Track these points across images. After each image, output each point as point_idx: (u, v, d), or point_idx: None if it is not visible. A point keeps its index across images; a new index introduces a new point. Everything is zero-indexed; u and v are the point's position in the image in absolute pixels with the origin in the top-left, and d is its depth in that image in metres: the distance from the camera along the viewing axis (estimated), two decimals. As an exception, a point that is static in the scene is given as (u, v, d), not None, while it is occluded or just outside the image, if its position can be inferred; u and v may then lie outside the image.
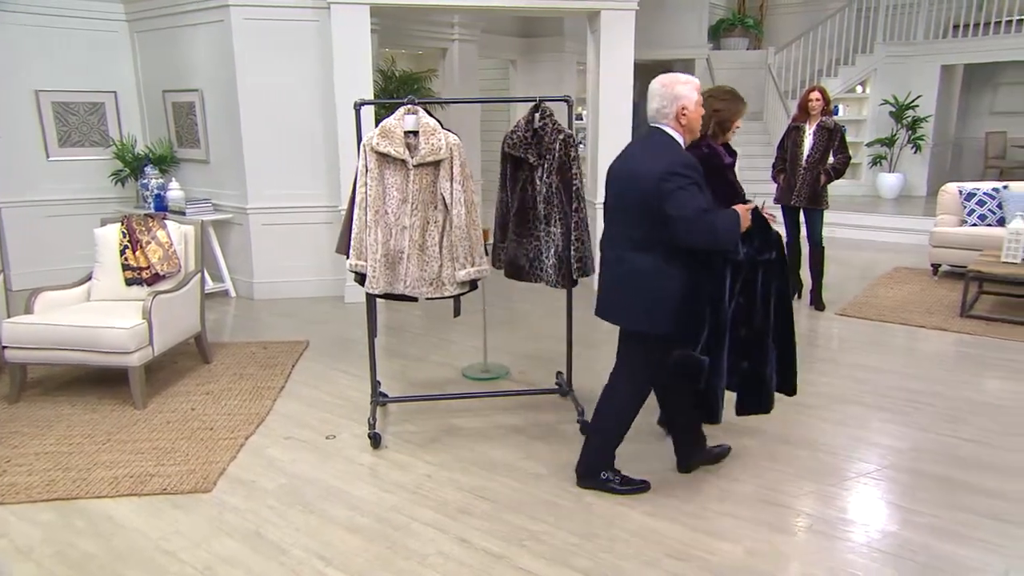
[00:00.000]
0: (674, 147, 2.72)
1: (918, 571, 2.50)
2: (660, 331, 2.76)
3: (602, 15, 5.84)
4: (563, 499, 2.98)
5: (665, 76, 2.82)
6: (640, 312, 2.77)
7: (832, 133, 5.60)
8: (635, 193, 2.70)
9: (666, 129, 2.75)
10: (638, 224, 2.72)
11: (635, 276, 2.75)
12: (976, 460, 3.29)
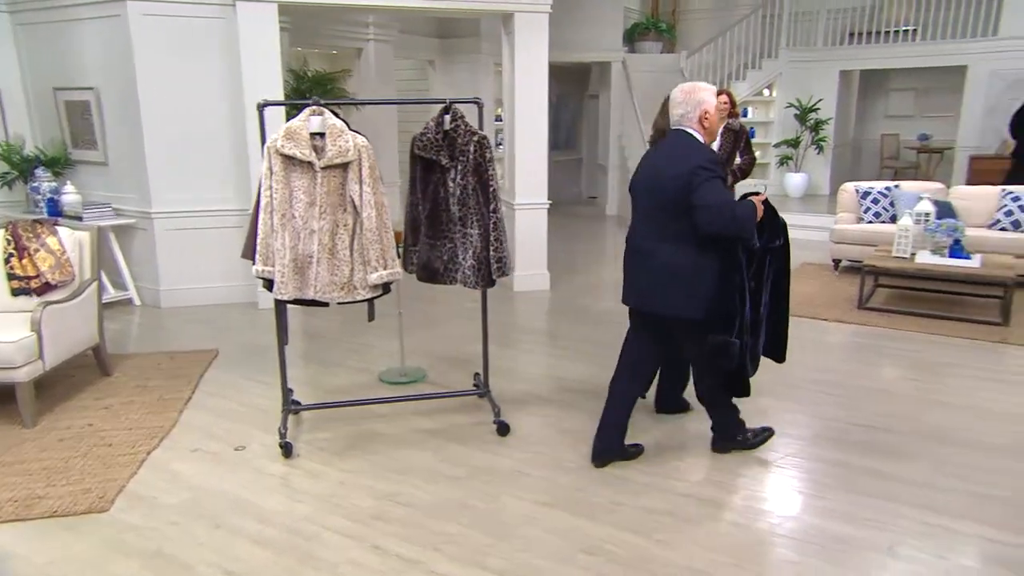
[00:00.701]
0: (699, 146, 2.98)
1: (817, 552, 2.63)
2: (696, 317, 2.97)
3: (516, 17, 5.88)
4: (479, 501, 2.98)
5: (686, 84, 3.08)
6: (679, 300, 2.98)
7: (738, 135, 5.77)
8: (670, 190, 2.91)
9: (689, 131, 3.00)
10: (674, 219, 2.93)
11: (673, 267, 2.97)
12: (871, 445, 3.48)
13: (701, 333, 3.04)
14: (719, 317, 2.99)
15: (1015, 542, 2.67)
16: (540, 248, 6.42)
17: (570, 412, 3.85)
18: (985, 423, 3.69)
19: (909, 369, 4.50)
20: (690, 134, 3.00)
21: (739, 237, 2.93)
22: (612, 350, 4.80)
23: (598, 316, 5.71)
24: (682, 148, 2.97)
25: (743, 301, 3.01)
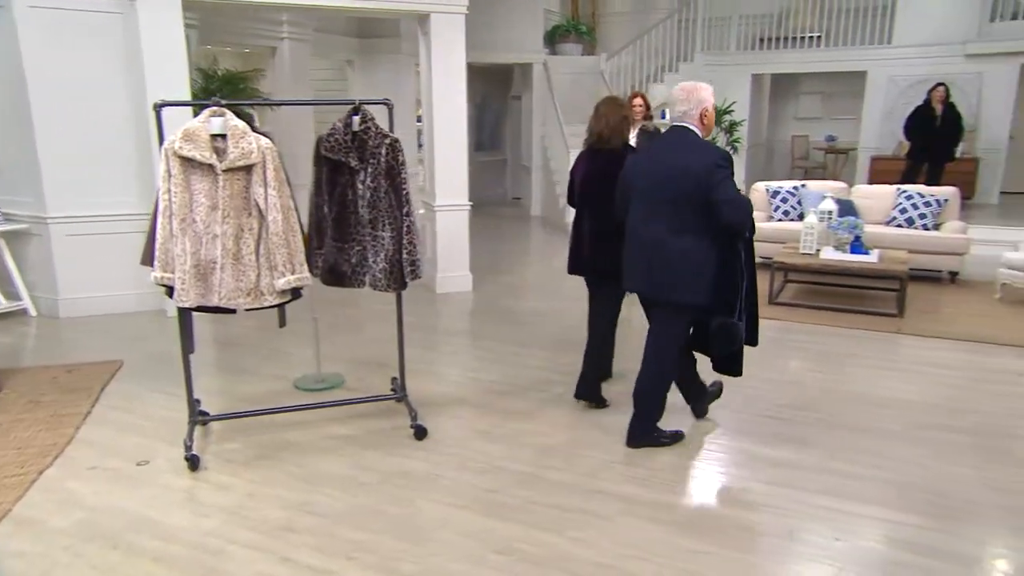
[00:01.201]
0: (707, 143, 3.18)
1: (722, 541, 2.71)
2: (701, 302, 3.18)
3: (432, 18, 5.85)
4: (393, 506, 2.95)
5: (687, 84, 3.23)
6: (688, 287, 3.16)
7: (652, 136, 5.95)
8: (685, 185, 3.07)
9: (691, 127, 3.16)
10: (684, 211, 3.11)
11: (683, 257, 3.14)
12: (778, 435, 3.62)
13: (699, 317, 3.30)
14: (721, 302, 3.21)
15: (906, 521, 2.83)
16: (462, 249, 6.41)
17: (487, 413, 3.86)
18: (881, 410, 3.90)
19: (814, 361, 4.72)
20: (693, 130, 3.16)
21: (746, 228, 3.19)
22: (533, 350, 4.89)
23: (520, 316, 5.74)
24: (692, 145, 3.14)
25: (741, 288, 3.24)
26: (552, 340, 5.11)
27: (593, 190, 3.77)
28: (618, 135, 3.70)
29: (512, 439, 3.55)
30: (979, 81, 10.02)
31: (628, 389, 3.58)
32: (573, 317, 5.73)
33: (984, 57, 9.90)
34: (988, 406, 3.94)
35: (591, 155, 3.80)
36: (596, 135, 3.77)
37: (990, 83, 9.99)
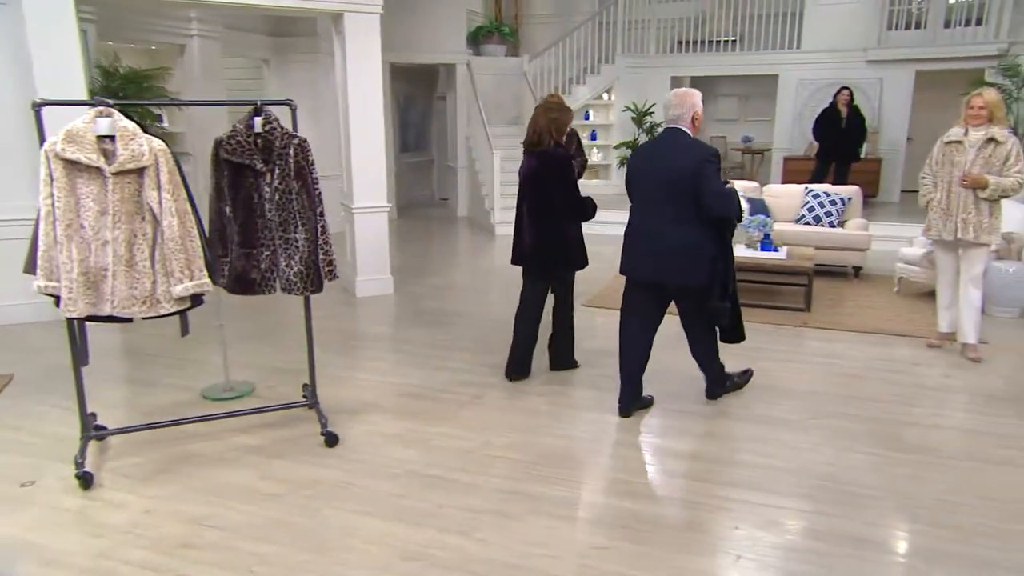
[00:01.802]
0: (698, 142, 3.57)
1: (625, 536, 2.76)
2: (703, 282, 3.56)
3: (346, 17, 5.76)
4: (299, 516, 2.88)
5: (680, 90, 3.64)
6: (689, 270, 3.55)
7: (570, 138, 6.00)
8: (681, 180, 3.44)
9: (684, 129, 3.58)
10: (681, 205, 3.48)
11: (683, 244, 3.52)
12: (684, 430, 3.72)
13: (702, 297, 3.65)
14: (717, 284, 3.59)
15: (802, 508, 2.95)
16: (382, 252, 6.33)
17: (402, 418, 3.82)
18: (784, 401, 4.05)
19: (722, 355, 4.85)
20: (685, 131, 3.57)
21: (733, 218, 3.58)
22: (453, 352, 4.87)
23: (442, 318, 5.71)
24: (685, 144, 3.54)
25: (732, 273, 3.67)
26: (473, 341, 5.10)
27: (530, 187, 4.11)
28: (547, 135, 4.04)
29: (426, 443, 3.53)
30: (880, 85, 10.56)
31: (522, 389, 3.60)
32: (495, 318, 5.75)
33: (884, 63, 10.44)
34: (882, 395, 4.15)
35: (528, 156, 4.16)
36: (527, 138, 4.15)
37: (889, 87, 10.55)
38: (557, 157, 4.05)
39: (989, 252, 4.74)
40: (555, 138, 4.05)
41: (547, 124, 4.03)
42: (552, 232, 4.10)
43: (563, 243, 4.12)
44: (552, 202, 4.06)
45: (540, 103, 4.20)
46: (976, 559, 2.59)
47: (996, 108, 4.46)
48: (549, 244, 4.11)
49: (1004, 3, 9.66)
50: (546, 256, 4.14)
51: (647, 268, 3.69)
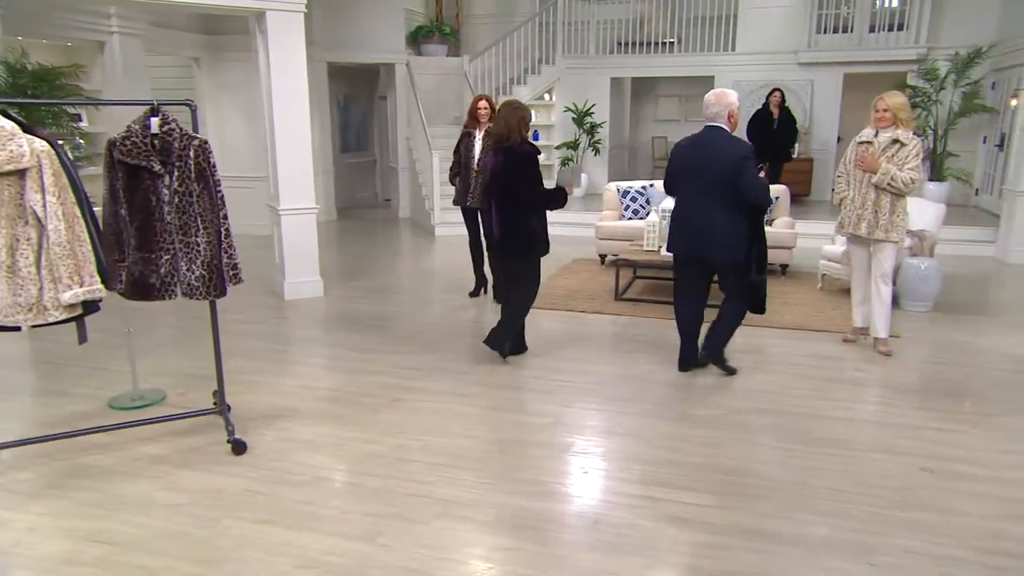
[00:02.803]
0: (736, 139, 4.12)
1: (531, 535, 2.77)
2: (740, 260, 4.14)
3: (268, 15, 5.65)
4: (197, 527, 2.80)
5: (717, 90, 4.18)
6: (732, 250, 4.11)
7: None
8: (723, 173, 3.99)
9: (722, 126, 4.11)
10: (724, 193, 4.02)
11: (727, 228, 4.08)
12: (596, 428, 3.75)
13: (741, 272, 4.20)
14: (754, 261, 4.15)
15: (704, 503, 2.99)
16: (311, 254, 6.24)
17: (316, 423, 3.76)
18: (702, 397, 4.12)
19: (643, 353, 4.92)
20: (723, 128, 4.11)
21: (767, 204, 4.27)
22: (378, 355, 4.82)
23: (371, 321, 5.65)
24: (726, 141, 4.08)
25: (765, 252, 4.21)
26: (399, 344, 5.06)
27: (500, 181, 4.41)
28: (516, 132, 4.35)
29: (338, 448, 3.48)
30: (811, 87, 10.86)
31: (458, 388, 3.58)
32: (426, 319, 5.72)
33: (814, 66, 10.74)
34: (795, 389, 4.25)
35: (496, 151, 4.44)
36: (497, 135, 4.42)
37: (820, 89, 10.85)
38: (525, 153, 4.34)
39: (898, 249, 4.90)
40: (523, 134, 4.36)
41: (516, 122, 4.34)
42: (519, 222, 4.41)
43: (530, 232, 4.44)
44: (520, 195, 4.36)
45: (503, 104, 4.49)
46: (860, 545, 2.67)
47: (900, 111, 4.62)
48: (516, 234, 4.43)
49: (923, 10, 10.03)
50: (514, 244, 4.48)
51: (695, 247, 4.27)
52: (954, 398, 4.10)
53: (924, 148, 4.67)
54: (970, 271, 7.38)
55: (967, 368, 4.60)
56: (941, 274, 5.90)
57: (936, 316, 5.74)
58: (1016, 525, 2.81)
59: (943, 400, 4.06)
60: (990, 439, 3.57)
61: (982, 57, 9.24)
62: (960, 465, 3.30)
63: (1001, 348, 4.97)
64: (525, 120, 4.39)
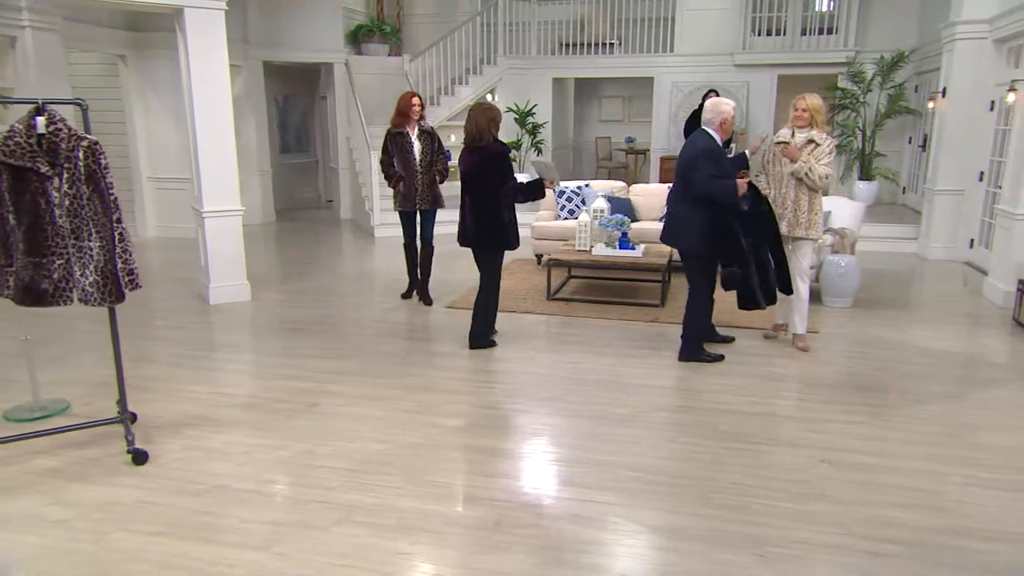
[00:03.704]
0: (709, 140, 4.48)
1: (431, 539, 2.74)
2: (692, 247, 4.55)
3: (186, 12, 5.50)
4: (86, 542, 2.71)
5: (715, 99, 4.63)
6: (691, 239, 4.54)
7: (432, 136, 5.93)
8: (683, 166, 4.48)
9: (710, 131, 4.50)
10: (684, 186, 4.49)
11: (685, 219, 4.52)
12: (517, 428, 3.75)
13: (698, 261, 4.57)
14: (718, 253, 4.49)
15: (604, 500, 3.01)
16: (236, 257, 6.10)
17: (226, 430, 3.68)
18: (620, 396, 4.16)
19: (570, 352, 4.95)
20: (709, 133, 4.49)
21: (719, 200, 4.38)
22: (301, 360, 4.75)
23: (295, 325, 5.56)
24: (698, 141, 4.48)
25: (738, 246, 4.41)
26: (324, 348, 4.99)
27: (472, 180, 4.65)
28: (487, 133, 4.57)
29: (244, 456, 3.40)
30: (747, 88, 11.09)
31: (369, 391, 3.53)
32: (355, 323, 5.65)
33: (749, 67, 10.96)
34: (712, 385, 4.33)
35: (469, 152, 4.66)
36: (469, 136, 4.64)
37: (755, 90, 11.09)
38: (497, 152, 4.59)
39: (814, 247, 5.03)
40: (493, 134, 4.60)
41: (486, 123, 4.57)
42: (493, 218, 4.65)
43: (502, 227, 4.67)
44: (494, 192, 4.60)
45: (474, 105, 4.74)
46: (752, 537, 2.72)
47: (817, 113, 4.75)
48: (489, 228, 4.67)
49: (851, 14, 10.33)
50: (487, 238, 4.71)
51: (665, 236, 4.76)
52: (863, 391, 4.22)
53: (849, 155, 4.80)
54: (893, 267, 7.63)
55: (879, 362, 4.74)
56: (860, 271, 6.08)
57: (856, 312, 5.91)
58: (904, 512, 2.90)
59: (852, 394, 4.18)
60: (890, 430, 3.68)
61: (905, 61, 9.56)
62: (859, 456, 3.39)
63: (913, 342, 5.14)
64: (495, 121, 4.61)
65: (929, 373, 4.53)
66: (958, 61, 7.41)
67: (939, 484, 3.12)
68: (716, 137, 4.49)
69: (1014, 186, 5.86)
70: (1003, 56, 6.99)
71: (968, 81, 7.36)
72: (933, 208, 7.85)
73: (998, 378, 4.43)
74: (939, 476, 3.19)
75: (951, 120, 7.56)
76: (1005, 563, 2.58)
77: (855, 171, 10.13)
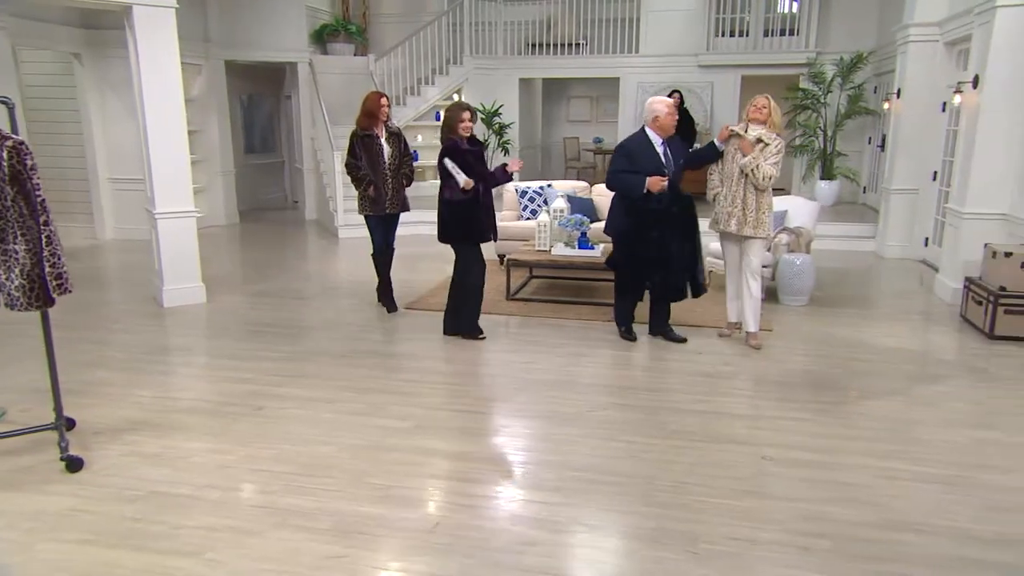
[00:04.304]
0: (634, 137, 4.88)
1: (365, 543, 2.72)
2: (607, 231, 5.12)
3: (134, 11, 5.41)
4: (7, 553, 2.64)
5: (650, 98, 4.92)
6: (606, 226, 5.14)
7: (399, 137, 5.72)
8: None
9: (645, 128, 4.82)
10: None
11: (610, 207, 5.14)
12: (463, 430, 3.74)
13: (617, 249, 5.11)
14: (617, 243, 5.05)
15: (546, 500, 3.01)
16: (190, 259, 6.01)
17: (167, 435, 3.62)
18: (570, 395, 4.16)
19: (524, 352, 4.94)
20: (645, 130, 4.82)
21: (626, 194, 4.81)
22: (249, 363, 4.70)
23: (250, 327, 5.49)
24: (626, 138, 4.94)
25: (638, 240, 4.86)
26: (277, 351, 4.93)
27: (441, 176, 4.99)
28: (445, 131, 4.96)
29: (184, 461, 3.35)
30: (711, 89, 11.19)
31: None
32: (310, 325, 5.60)
33: (713, 68, 11.07)
34: (661, 384, 4.35)
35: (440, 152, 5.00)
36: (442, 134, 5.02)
37: (720, 90, 11.19)
38: (443, 149, 4.91)
39: (765, 245, 5.08)
40: (451, 134, 4.90)
41: (446, 121, 4.96)
42: (448, 212, 4.97)
43: (460, 220, 4.94)
44: (442, 185, 4.95)
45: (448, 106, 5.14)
46: (687, 535, 2.74)
47: (775, 113, 4.81)
48: (448, 222, 5.00)
49: (812, 16, 10.47)
50: (446, 231, 5.04)
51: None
52: (811, 389, 4.27)
53: (811, 155, 4.87)
54: (850, 265, 7.74)
55: (830, 359, 4.80)
56: (816, 269, 6.16)
57: (811, 309, 5.99)
58: (837, 507, 2.94)
59: (800, 391, 4.22)
60: (833, 426, 3.73)
61: (864, 62, 9.71)
62: (800, 452, 3.43)
63: (865, 339, 5.22)
64: (451, 118, 4.90)
65: (877, 370, 4.60)
66: (911, 63, 7.54)
67: (874, 479, 3.16)
68: (651, 135, 4.77)
69: (961, 185, 5.98)
70: (953, 58, 7.12)
71: (921, 83, 7.49)
72: (889, 207, 7.98)
73: (942, 374, 4.51)
74: (875, 471, 3.23)
75: (905, 121, 7.69)
76: (927, 554, 2.62)
77: (817, 171, 10.26)
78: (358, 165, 5.59)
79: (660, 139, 4.79)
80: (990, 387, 4.31)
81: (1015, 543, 2.71)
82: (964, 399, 4.13)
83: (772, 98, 4.88)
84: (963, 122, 6.22)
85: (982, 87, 5.65)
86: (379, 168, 5.57)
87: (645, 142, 4.82)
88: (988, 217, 5.72)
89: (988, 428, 3.72)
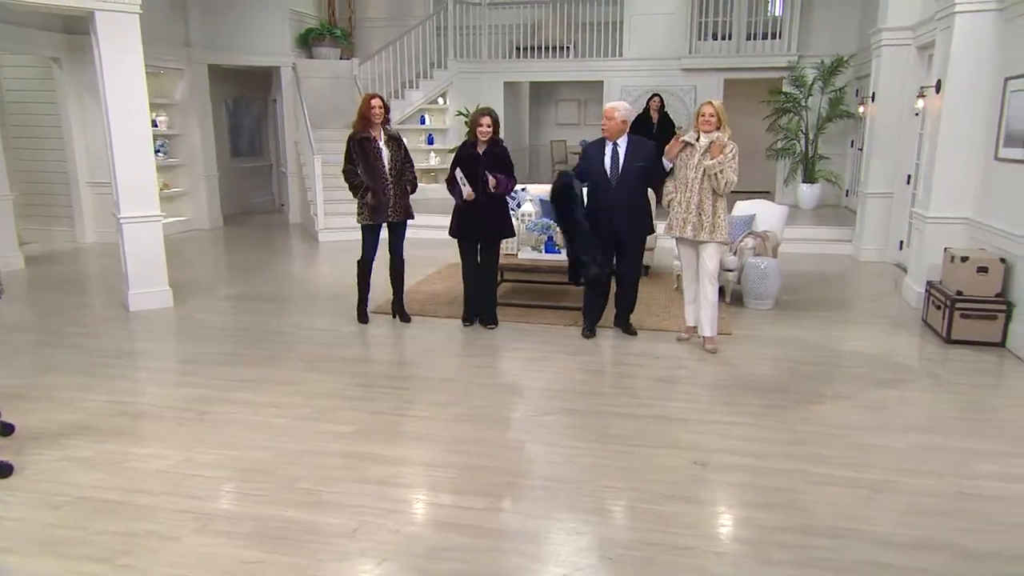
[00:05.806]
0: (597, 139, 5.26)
1: (285, 548, 2.73)
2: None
3: (97, 16, 5.44)
4: (-72, 558, 2.66)
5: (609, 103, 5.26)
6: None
7: (399, 142, 5.49)
8: None
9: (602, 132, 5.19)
10: None
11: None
12: (402, 433, 3.74)
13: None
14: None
15: (475, 505, 3.01)
16: (157, 263, 6.04)
17: (107, 439, 3.63)
18: (520, 400, 4.17)
19: (481, 357, 4.95)
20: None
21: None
22: (208, 367, 4.71)
23: (213, 332, 5.51)
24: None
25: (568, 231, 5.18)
26: (235, 355, 4.95)
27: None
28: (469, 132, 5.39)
29: (118, 466, 3.36)
30: (694, 92, 11.17)
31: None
32: (274, 329, 5.61)
33: (696, 71, 11.06)
34: (611, 388, 4.36)
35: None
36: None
37: (702, 94, 11.14)
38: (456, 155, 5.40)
39: (721, 250, 5.08)
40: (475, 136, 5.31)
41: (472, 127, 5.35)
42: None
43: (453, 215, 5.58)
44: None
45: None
46: (604, 539, 2.74)
47: (722, 114, 4.82)
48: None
49: (793, 20, 10.46)
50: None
51: None
52: (758, 393, 4.25)
53: (792, 158, 4.84)
54: (824, 269, 7.72)
55: (784, 364, 4.79)
56: (781, 273, 6.15)
57: (776, 314, 5.98)
58: (759, 512, 2.93)
59: (747, 395, 4.22)
60: (773, 431, 3.72)
61: (845, 66, 9.70)
62: (735, 457, 3.43)
63: (826, 343, 5.21)
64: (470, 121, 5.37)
65: (829, 374, 4.59)
66: (885, 67, 7.53)
67: (801, 483, 3.16)
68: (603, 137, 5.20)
69: (926, 189, 5.96)
70: (924, 63, 7.11)
71: (895, 86, 7.48)
72: (865, 210, 7.96)
73: (892, 379, 4.49)
74: (804, 476, 3.23)
75: (880, 124, 7.68)
76: (841, 559, 2.61)
77: (799, 174, 10.25)
78: (355, 172, 5.34)
79: (611, 141, 5.12)
80: (938, 392, 4.30)
81: (933, 548, 2.70)
82: (911, 404, 4.11)
83: (715, 101, 4.91)
84: (928, 126, 6.21)
85: (944, 92, 5.64)
86: (378, 173, 5.31)
87: (599, 144, 5.21)
88: (951, 221, 5.70)
89: (929, 433, 3.71)
